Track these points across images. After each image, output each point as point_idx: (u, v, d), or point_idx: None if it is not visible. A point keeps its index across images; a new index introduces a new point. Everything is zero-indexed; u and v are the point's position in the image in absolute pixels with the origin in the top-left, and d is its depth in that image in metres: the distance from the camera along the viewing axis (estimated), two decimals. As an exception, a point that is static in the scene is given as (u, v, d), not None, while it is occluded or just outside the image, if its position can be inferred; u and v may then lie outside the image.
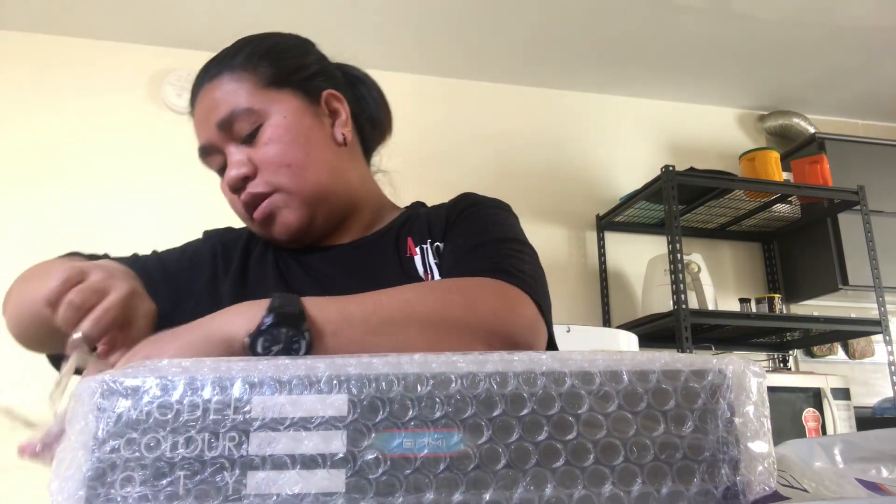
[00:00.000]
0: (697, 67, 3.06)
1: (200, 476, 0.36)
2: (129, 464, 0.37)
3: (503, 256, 0.72)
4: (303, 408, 0.38)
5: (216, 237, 0.90)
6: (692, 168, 2.77)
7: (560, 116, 3.19)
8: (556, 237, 3.01)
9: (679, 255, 2.52)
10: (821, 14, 2.68)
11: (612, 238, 3.05)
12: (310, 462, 0.37)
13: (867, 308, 2.96)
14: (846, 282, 2.86)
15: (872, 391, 2.98)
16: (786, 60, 3.01)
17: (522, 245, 0.77)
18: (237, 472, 0.37)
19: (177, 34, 2.72)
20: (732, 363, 0.39)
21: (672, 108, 3.33)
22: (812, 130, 3.24)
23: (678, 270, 2.50)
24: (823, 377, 2.53)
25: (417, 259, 0.80)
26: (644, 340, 2.55)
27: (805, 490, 0.47)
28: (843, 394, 2.51)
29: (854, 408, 2.51)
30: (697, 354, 0.41)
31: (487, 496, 0.36)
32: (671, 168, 2.64)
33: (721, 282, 3.02)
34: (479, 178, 2.88)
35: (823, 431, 2.43)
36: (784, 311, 2.95)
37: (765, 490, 0.37)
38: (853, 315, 2.86)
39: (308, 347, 0.52)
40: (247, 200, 0.79)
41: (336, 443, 0.37)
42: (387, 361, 0.39)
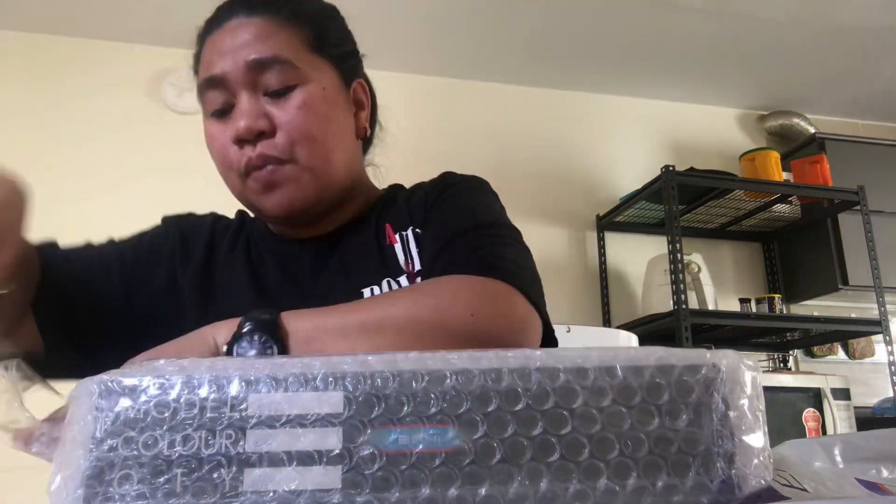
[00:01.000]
0: (697, 67, 3.06)
1: (198, 473, 0.37)
2: (127, 462, 0.37)
3: (483, 245, 0.67)
4: (299, 405, 0.38)
5: (175, 225, 0.84)
6: (692, 168, 2.77)
7: (560, 116, 3.19)
8: (556, 237, 3.01)
9: (679, 255, 2.52)
10: (821, 14, 2.68)
11: (612, 238, 3.05)
12: (306, 459, 0.37)
13: (867, 308, 2.95)
14: (846, 282, 2.86)
15: (872, 391, 2.97)
16: (786, 60, 3.01)
17: (501, 228, 0.72)
18: (234, 470, 0.37)
19: (177, 34, 2.71)
20: (726, 357, 0.39)
21: (672, 108, 3.33)
22: (812, 130, 3.24)
23: (678, 270, 2.50)
24: (823, 377, 2.53)
25: (398, 247, 0.76)
26: (644, 340, 2.55)
27: (805, 490, 0.47)
28: (843, 394, 2.51)
29: (854, 408, 2.51)
30: (691, 349, 0.41)
31: (483, 491, 0.36)
32: (671, 168, 2.64)
33: (721, 282, 3.02)
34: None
35: (823, 431, 2.43)
36: (784, 311, 2.95)
37: (760, 483, 0.37)
38: (853, 315, 2.86)
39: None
40: (253, 159, 0.70)
41: (332, 439, 0.37)
42: (382, 359, 0.39)
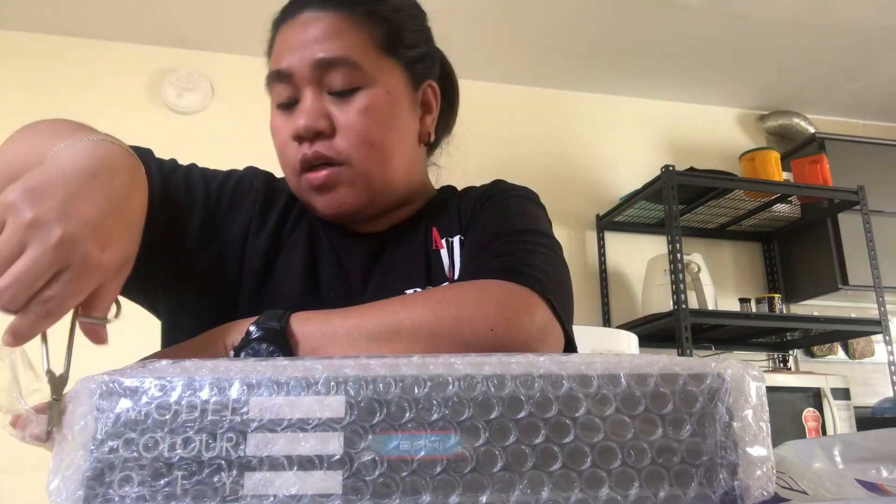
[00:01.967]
0: (697, 67, 3.06)
1: (198, 477, 0.37)
2: (128, 464, 0.37)
3: (514, 251, 0.67)
4: (300, 409, 0.38)
5: (262, 181, 0.80)
6: (692, 168, 2.77)
7: (560, 116, 3.19)
8: (557, 237, 3.00)
9: (679, 255, 2.52)
10: (821, 14, 2.68)
11: (612, 238, 3.05)
12: (307, 463, 0.37)
13: (867, 308, 2.95)
14: (846, 282, 2.86)
15: (872, 391, 2.97)
16: (786, 60, 3.01)
17: (539, 236, 0.72)
18: (234, 473, 0.37)
19: (177, 34, 2.72)
20: (731, 367, 0.38)
21: (672, 108, 3.32)
22: (812, 130, 3.24)
23: (678, 270, 2.50)
24: (823, 377, 2.53)
25: (444, 252, 0.75)
26: (644, 340, 2.55)
27: (804, 492, 0.47)
28: (843, 394, 2.51)
29: (854, 408, 2.51)
30: (696, 358, 0.41)
31: (484, 499, 0.36)
32: (671, 168, 2.64)
33: (721, 282, 3.02)
34: (479, 178, 2.86)
35: (823, 431, 2.43)
36: (784, 311, 2.95)
37: (763, 495, 0.36)
38: (853, 315, 2.86)
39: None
40: (308, 157, 0.70)
41: (333, 444, 0.37)
42: (384, 363, 0.39)
